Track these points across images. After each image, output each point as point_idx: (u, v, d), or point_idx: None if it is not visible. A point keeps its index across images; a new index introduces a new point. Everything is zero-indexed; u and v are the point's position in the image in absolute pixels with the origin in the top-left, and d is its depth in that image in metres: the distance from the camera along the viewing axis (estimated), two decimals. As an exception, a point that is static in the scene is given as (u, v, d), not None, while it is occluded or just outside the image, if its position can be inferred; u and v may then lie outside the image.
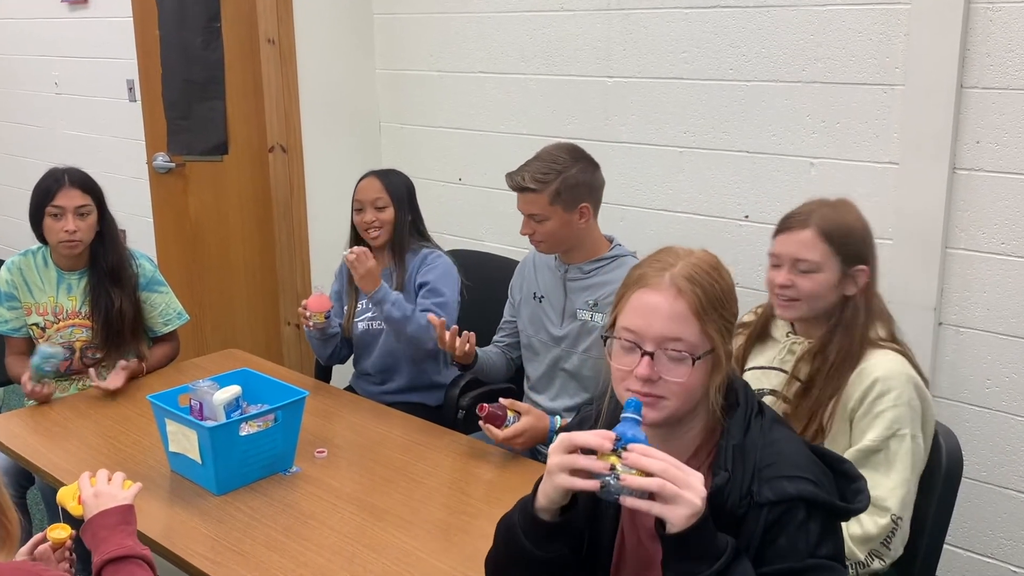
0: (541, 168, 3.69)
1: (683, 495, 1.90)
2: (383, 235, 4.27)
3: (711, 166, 4.40)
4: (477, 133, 5.34)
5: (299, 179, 5.59)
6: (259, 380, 3.63)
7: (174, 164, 5.76)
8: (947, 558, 3.80)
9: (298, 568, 2.80)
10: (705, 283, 2.10)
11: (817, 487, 2.03)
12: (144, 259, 4.37)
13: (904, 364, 2.87)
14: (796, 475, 2.04)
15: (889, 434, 2.78)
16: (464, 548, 2.87)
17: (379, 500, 3.19)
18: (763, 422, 2.15)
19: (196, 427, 3.23)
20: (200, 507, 3.17)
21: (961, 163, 3.70)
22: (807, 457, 2.11)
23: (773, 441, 2.11)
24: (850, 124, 3.95)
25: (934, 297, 3.79)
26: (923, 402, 2.85)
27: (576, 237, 3.76)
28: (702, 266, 2.13)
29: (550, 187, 3.66)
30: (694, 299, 2.08)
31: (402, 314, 4.03)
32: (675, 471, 1.92)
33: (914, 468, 2.80)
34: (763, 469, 2.06)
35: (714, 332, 2.10)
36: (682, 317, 2.08)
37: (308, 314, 4.11)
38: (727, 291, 2.15)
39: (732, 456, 2.08)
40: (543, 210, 3.68)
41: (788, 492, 2.02)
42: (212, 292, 5.85)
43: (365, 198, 4.26)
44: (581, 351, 3.81)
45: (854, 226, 2.98)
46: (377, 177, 4.30)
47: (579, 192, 3.70)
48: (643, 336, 2.10)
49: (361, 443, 3.65)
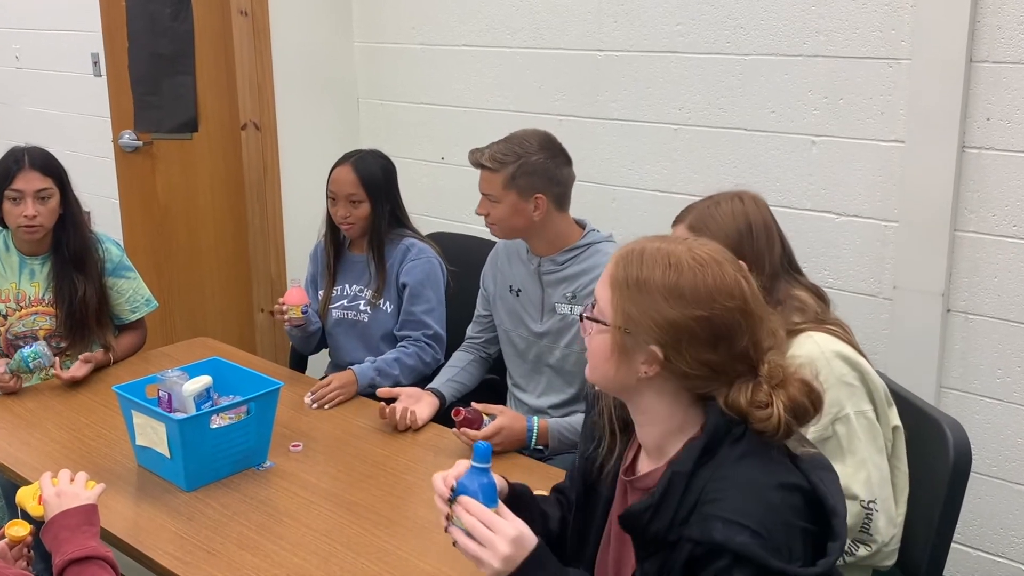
0: (503, 149, 3.71)
1: (482, 556, 2.07)
2: (357, 229, 4.26)
3: (707, 145, 4.39)
4: (461, 110, 5.33)
5: (273, 158, 5.58)
6: (231, 370, 3.61)
7: (141, 142, 5.73)
8: (955, 557, 3.81)
9: (272, 568, 2.79)
10: (640, 266, 2.12)
11: (755, 538, 1.93)
12: (110, 243, 4.34)
13: (826, 341, 2.85)
14: (734, 520, 1.94)
15: (830, 420, 2.78)
16: (446, 547, 2.81)
17: (357, 496, 3.19)
18: (733, 452, 2.06)
19: (164, 419, 3.21)
20: (169, 504, 3.15)
21: (971, 141, 3.69)
22: (762, 501, 1.98)
23: (727, 476, 2.02)
24: (854, 100, 3.94)
25: (942, 282, 3.79)
26: (860, 372, 2.83)
27: (531, 227, 3.76)
28: (658, 255, 2.12)
29: (506, 169, 3.68)
30: (616, 271, 2.15)
31: (394, 380, 4.09)
32: (481, 530, 2.08)
33: (873, 444, 2.79)
34: (705, 504, 2.00)
35: (618, 311, 2.12)
36: (603, 282, 2.19)
37: (285, 309, 4.10)
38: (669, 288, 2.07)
39: (668, 483, 2.05)
40: (496, 192, 3.71)
41: (713, 536, 1.94)
42: (181, 277, 5.82)
43: (339, 191, 4.22)
44: (563, 345, 3.81)
45: (726, 222, 2.96)
46: (352, 167, 4.24)
47: (536, 181, 3.70)
48: None
49: (338, 437, 3.64)
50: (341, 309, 4.37)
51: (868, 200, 3.97)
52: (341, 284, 4.37)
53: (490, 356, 4.16)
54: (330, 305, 4.39)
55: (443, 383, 3.96)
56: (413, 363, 4.18)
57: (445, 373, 4.03)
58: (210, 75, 5.52)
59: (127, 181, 5.90)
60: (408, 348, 4.22)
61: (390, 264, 4.26)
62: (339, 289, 4.37)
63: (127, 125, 5.76)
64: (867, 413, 2.80)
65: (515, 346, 3.98)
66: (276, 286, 5.61)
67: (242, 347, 4.89)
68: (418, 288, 4.23)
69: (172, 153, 5.70)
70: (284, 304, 4.11)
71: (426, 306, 4.23)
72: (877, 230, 3.96)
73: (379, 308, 4.28)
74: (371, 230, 4.26)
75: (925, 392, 3.63)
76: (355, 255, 4.37)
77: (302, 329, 4.24)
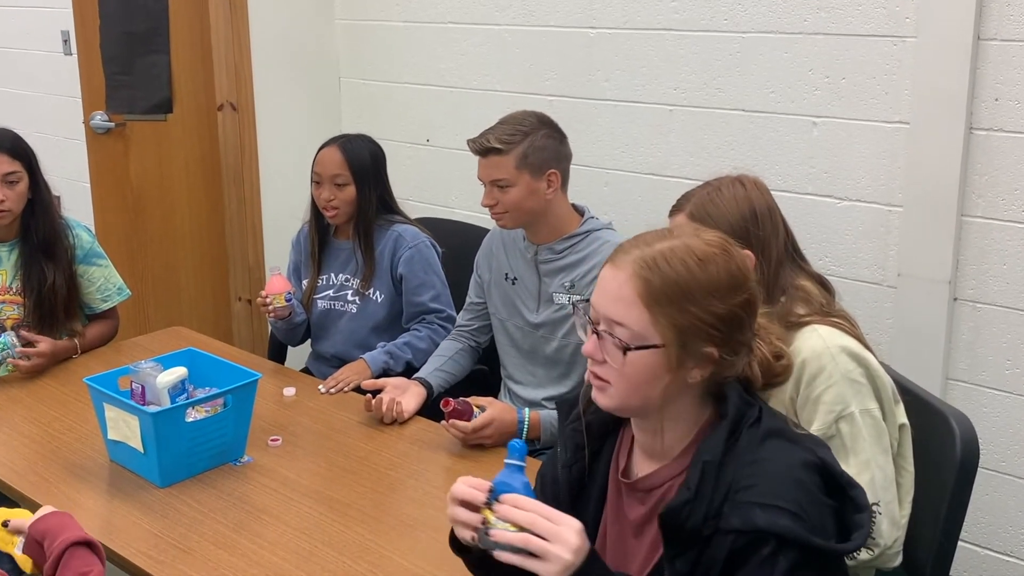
0: (508, 130, 3.70)
1: (551, 550, 1.94)
2: (342, 214, 4.24)
3: (703, 126, 4.38)
4: (447, 90, 5.31)
5: (251, 140, 5.57)
6: (207, 361, 3.60)
7: (113, 124, 5.72)
8: (962, 556, 3.81)
9: (250, 567, 2.78)
10: (671, 272, 2.06)
11: (796, 520, 1.95)
12: (81, 229, 4.33)
13: (832, 335, 2.83)
14: (772, 503, 1.97)
15: (834, 418, 2.76)
16: (432, 545, 2.85)
17: (339, 493, 3.18)
18: (755, 434, 2.08)
19: (137, 413, 3.20)
20: (142, 500, 3.14)
21: (978, 123, 3.68)
22: (794, 481, 2.01)
23: (758, 460, 2.04)
24: (857, 80, 3.94)
25: (948, 270, 3.79)
26: (867, 368, 2.81)
27: (542, 209, 3.75)
28: (681, 252, 2.08)
29: (516, 149, 3.66)
30: (645, 286, 2.06)
31: (404, 364, 4.16)
32: (544, 523, 1.96)
33: (878, 444, 2.78)
34: (738, 491, 2.01)
35: (667, 327, 2.05)
36: (628, 302, 2.08)
37: (269, 300, 4.08)
38: (707, 285, 2.07)
39: (701, 474, 2.03)
40: (508, 175, 3.68)
41: (756, 523, 1.95)
42: (155, 264, 5.81)
43: (324, 172, 4.21)
44: (561, 337, 3.81)
45: (729, 209, 2.94)
46: (339, 148, 4.24)
47: (547, 157, 3.70)
48: (597, 314, 2.13)
49: (319, 431, 3.63)
50: (327, 300, 4.35)
51: (871, 184, 3.96)
52: (326, 273, 4.35)
53: (480, 346, 4.15)
54: (315, 295, 4.37)
55: (430, 372, 3.95)
56: (426, 346, 4.18)
57: (432, 362, 4.02)
58: (185, 54, 5.50)
59: (99, 164, 5.88)
60: (420, 331, 4.23)
61: (380, 252, 4.25)
62: (324, 278, 4.36)
63: (99, 106, 5.74)
64: (873, 412, 2.79)
65: (510, 336, 3.97)
66: (254, 273, 5.60)
67: (218, 337, 4.87)
68: (420, 277, 4.24)
69: (146, 135, 5.69)
70: (267, 295, 4.08)
71: (432, 292, 4.26)
72: (881, 215, 3.95)
73: (368, 298, 4.28)
74: (357, 216, 4.25)
75: (931, 384, 3.65)
76: (341, 242, 4.35)
77: (287, 321, 4.22)
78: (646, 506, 2.21)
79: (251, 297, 5.57)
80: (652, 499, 2.20)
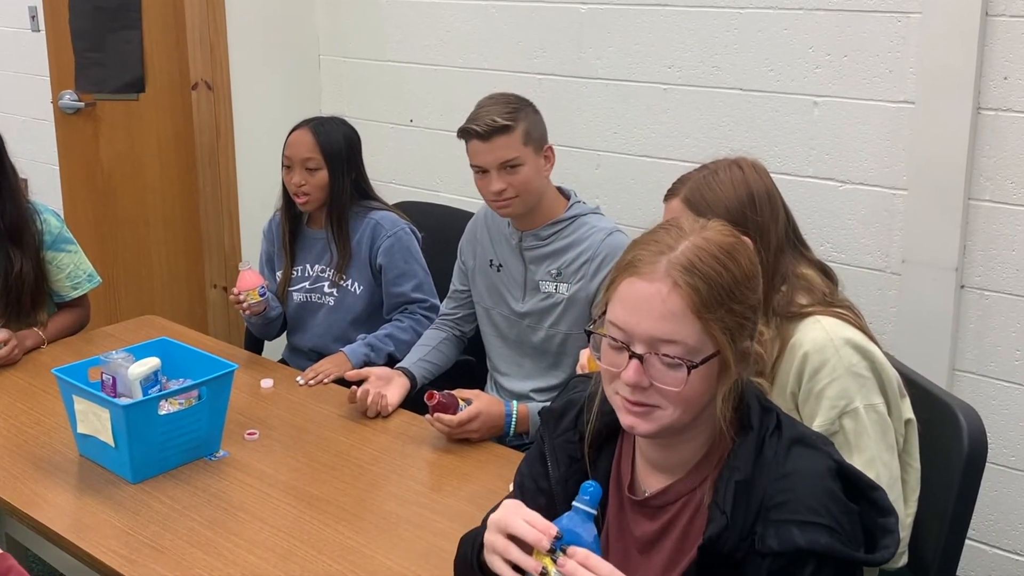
0: (504, 108, 3.66)
1: None
2: (314, 201, 4.21)
3: (699, 106, 4.37)
4: (431, 68, 5.30)
5: (226, 121, 5.56)
6: (181, 351, 3.59)
7: (83, 103, 5.70)
8: (970, 555, 3.81)
9: (226, 567, 2.78)
10: (711, 272, 1.98)
11: (833, 534, 1.94)
12: (49, 213, 4.31)
13: (835, 327, 2.83)
14: (809, 520, 1.94)
15: (837, 414, 2.76)
16: (415, 544, 2.86)
17: (319, 489, 3.17)
18: (779, 444, 2.05)
19: (108, 405, 3.19)
20: (113, 497, 3.13)
21: (986, 102, 3.68)
22: (827, 492, 1.99)
23: (787, 474, 2.01)
24: (860, 58, 3.93)
25: (955, 256, 3.78)
26: (872, 361, 2.80)
27: (543, 188, 3.74)
28: (710, 249, 2.01)
29: (521, 124, 3.64)
30: (693, 295, 1.96)
31: (387, 356, 4.15)
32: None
33: (883, 441, 2.78)
34: (771, 509, 1.98)
35: (719, 332, 1.98)
36: (677, 316, 1.97)
37: (243, 297, 4.06)
38: (742, 279, 2.02)
39: (735, 495, 2.00)
40: (519, 152, 3.63)
41: (796, 543, 1.93)
42: (126, 250, 5.80)
43: (294, 155, 4.19)
44: (548, 326, 3.81)
45: (726, 194, 2.93)
46: (311, 131, 4.21)
47: (543, 131, 3.72)
48: (631, 335, 2.01)
49: (298, 424, 3.63)
50: (303, 292, 4.34)
51: (875, 166, 3.96)
52: (301, 264, 4.34)
53: (464, 335, 4.14)
54: (290, 287, 4.36)
55: (414, 363, 3.94)
56: (409, 338, 4.17)
57: (416, 352, 4.00)
58: (158, 30, 5.48)
59: (67, 146, 5.87)
60: (403, 322, 4.23)
61: (357, 241, 4.24)
62: (299, 270, 4.35)
63: (67, 85, 5.71)
64: (878, 407, 2.78)
65: (496, 326, 3.96)
66: (230, 260, 5.59)
67: (193, 326, 4.86)
68: (401, 266, 4.23)
69: (116, 115, 5.67)
70: (239, 292, 4.06)
71: (414, 282, 4.25)
72: (884, 199, 3.95)
73: (346, 290, 4.27)
74: (331, 203, 4.23)
75: (937, 375, 3.63)
76: (314, 231, 4.34)
77: (262, 316, 4.20)
78: (656, 523, 2.17)
79: (227, 284, 5.55)
80: (664, 516, 2.16)
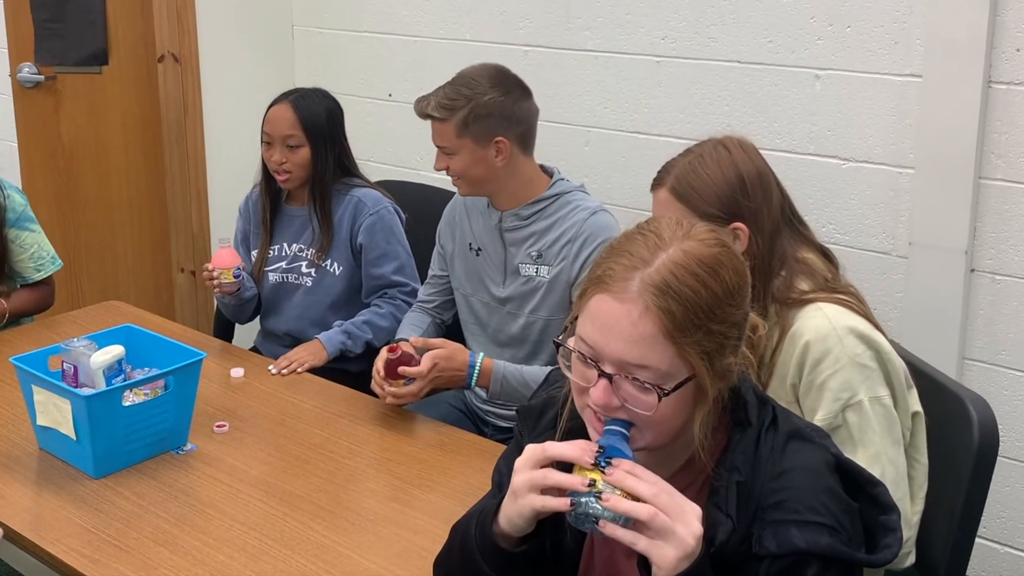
0: (450, 93, 3.69)
1: (676, 531, 1.82)
2: (295, 179, 4.21)
3: (694, 80, 4.37)
4: (411, 40, 5.30)
5: (195, 95, 5.57)
6: (146, 338, 3.58)
7: (43, 77, 5.70)
8: (980, 554, 3.81)
9: (193, 567, 2.77)
10: (687, 293, 1.91)
11: (834, 534, 1.93)
12: (13, 190, 4.32)
13: (839, 314, 2.81)
14: (809, 520, 1.93)
15: (840, 406, 2.75)
16: (394, 543, 2.86)
17: (292, 484, 3.17)
18: (775, 440, 2.03)
19: (69, 396, 3.18)
20: (75, 493, 3.13)
21: (998, 75, 3.67)
22: (826, 489, 1.98)
23: (785, 471, 1.99)
24: (864, 28, 3.92)
25: (965, 238, 3.78)
26: (877, 351, 2.80)
27: (495, 178, 3.75)
28: (688, 265, 1.94)
29: (456, 115, 3.66)
30: (666, 319, 1.90)
31: (364, 345, 4.17)
32: (668, 499, 1.84)
33: (889, 436, 2.77)
34: (767, 509, 1.96)
35: (695, 356, 1.91)
36: (648, 341, 1.91)
37: (216, 274, 4.04)
38: (724, 296, 1.95)
39: (736, 497, 1.98)
40: (450, 143, 3.70)
41: (795, 544, 1.92)
42: (89, 232, 5.81)
43: (275, 132, 4.18)
44: (528, 312, 3.80)
45: (714, 179, 2.91)
46: (292, 106, 4.20)
47: (491, 124, 3.68)
48: (600, 355, 1.96)
49: (270, 415, 3.62)
50: (280, 272, 4.33)
51: (880, 143, 3.95)
52: (278, 243, 4.33)
53: (444, 323, 4.14)
54: (266, 267, 4.35)
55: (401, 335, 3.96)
56: (388, 324, 4.17)
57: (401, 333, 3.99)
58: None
59: (26, 122, 5.86)
60: (382, 307, 4.22)
61: (338, 219, 4.24)
62: (276, 249, 4.34)
63: (26, 57, 5.71)
64: (883, 399, 2.77)
65: (474, 313, 3.96)
66: (198, 242, 5.59)
67: (159, 312, 4.87)
68: (382, 246, 4.23)
69: (78, 89, 5.67)
70: (213, 268, 4.05)
71: (395, 264, 4.24)
72: (890, 178, 3.95)
73: (325, 271, 4.26)
74: (313, 180, 4.22)
75: (945, 365, 3.64)
76: (294, 209, 4.33)
77: (235, 296, 4.19)
78: None
79: (195, 268, 5.55)
80: None
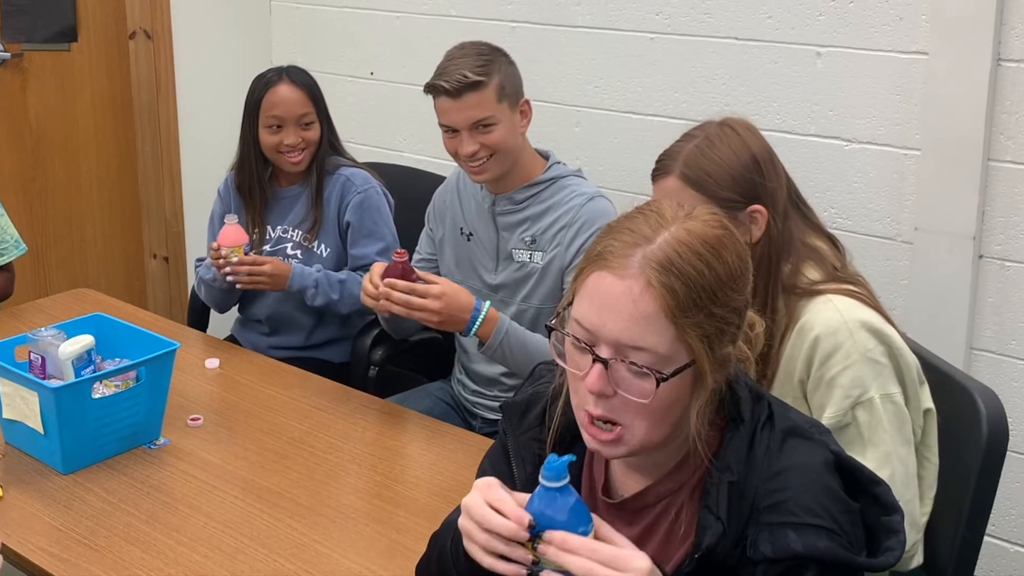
0: (475, 61, 3.62)
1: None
2: (307, 158, 4.21)
3: (690, 57, 4.36)
4: (393, 15, 5.29)
5: (168, 73, 5.58)
6: (117, 328, 3.58)
7: (9, 54, 5.65)
8: (989, 553, 3.81)
9: (166, 566, 2.76)
10: (691, 271, 1.90)
11: (833, 537, 1.92)
12: (-24, 172, 4.30)
13: (850, 307, 2.80)
14: (806, 522, 1.92)
15: (850, 404, 2.74)
16: (377, 542, 2.86)
17: (269, 481, 3.16)
18: (771, 437, 2.02)
19: (37, 388, 3.17)
20: (42, 489, 3.12)
21: (1008, 53, 3.67)
22: (825, 490, 1.96)
23: (781, 471, 1.98)
24: (867, 3, 3.92)
25: (973, 223, 3.78)
26: (889, 347, 2.79)
27: (520, 148, 3.72)
28: (692, 243, 1.93)
29: (495, 78, 3.60)
30: (668, 297, 1.89)
31: (326, 300, 4.11)
32: (601, 570, 1.81)
33: (899, 435, 2.76)
34: (763, 511, 1.95)
35: (696, 339, 1.90)
36: (649, 320, 1.90)
37: (225, 254, 3.98)
38: (727, 279, 1.95)
39: (728, 499, 1.97)
40: (492, 111, 3.60)
41: (792, 548, 1.90)
42: (57, 216, 5.79)
43: (287, 113, 4.15)
44: (520, 300, 3.78)
45: (728, 162, 2.89)
46: (295, 83, 4.19)
47: (517, 84, 3.69)
48: (596, 336, 1.94)
49: (247, 408, 3.62)
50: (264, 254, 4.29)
51: (884, 124, 3.95)
52: (261, 226, 4.32)
53: None
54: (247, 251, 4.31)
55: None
56: (359, 292, 4.08)
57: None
58: (92, -28, 5.47)
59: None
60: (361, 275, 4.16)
61: (325, 198, 4.24)
62: (257, 232, 4.32)
63: (-9, 33, 5.68)
64: (894, 397, 2.76)
65: (464, 300, 3.92)
66: (171, 227, 5.59)
67: (130, 300, 4.87)
68: (368, 226, 4.22)
69: (46, 67, 5.65)
70: (220, 247, 3.98)
71: (380, 245, 4.22)
72: (895, 160, 3.94)
73: (312, 252, 4.25)
74: (316, 157, 4.24)
75: (952, 355, 3.62)
76: (282, 190, 4.33)
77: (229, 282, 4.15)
78: (635, 528, 2.13)
79: (167, 254, 5.54)
80: (643, 520, 2.13)
